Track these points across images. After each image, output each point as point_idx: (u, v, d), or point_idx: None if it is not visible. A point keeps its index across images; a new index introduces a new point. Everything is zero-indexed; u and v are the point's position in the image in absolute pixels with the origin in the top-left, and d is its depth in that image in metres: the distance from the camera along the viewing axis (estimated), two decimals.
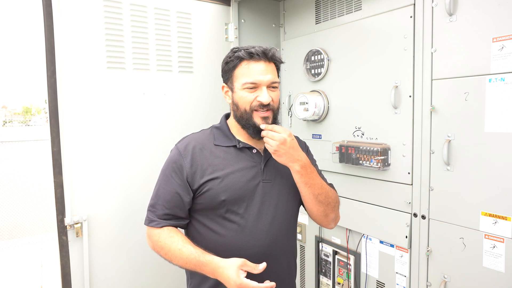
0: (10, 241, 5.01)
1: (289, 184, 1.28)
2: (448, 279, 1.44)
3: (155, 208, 1.24)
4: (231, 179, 1.20)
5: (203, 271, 1.11)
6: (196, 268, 1.12)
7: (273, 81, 1.20)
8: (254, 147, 1.26)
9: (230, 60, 1.22)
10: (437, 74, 1.44)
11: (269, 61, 1.21)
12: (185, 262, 1.13)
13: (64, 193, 1.62)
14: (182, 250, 1.14)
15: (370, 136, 1.71)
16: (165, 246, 1.17)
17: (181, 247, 1.15)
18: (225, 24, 2.07)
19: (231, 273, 1.04)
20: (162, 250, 1.19)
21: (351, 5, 1.79)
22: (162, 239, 1.19)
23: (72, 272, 1.66)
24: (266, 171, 1.25)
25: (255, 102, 1.19)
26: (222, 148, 1.25)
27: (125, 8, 1.73)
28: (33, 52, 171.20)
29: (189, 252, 1.13)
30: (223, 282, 1.06)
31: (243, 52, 1.19)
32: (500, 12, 1.24)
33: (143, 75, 1.81)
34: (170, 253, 1.16)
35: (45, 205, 5.85)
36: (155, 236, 1.21)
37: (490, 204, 1.30)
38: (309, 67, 2.00)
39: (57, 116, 1.60)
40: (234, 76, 1.22)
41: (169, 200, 1.22)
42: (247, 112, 1.20)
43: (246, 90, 1.19)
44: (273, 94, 1.21)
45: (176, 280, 1.95)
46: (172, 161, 1.24)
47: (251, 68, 1.18)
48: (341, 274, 1.92)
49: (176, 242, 1.16)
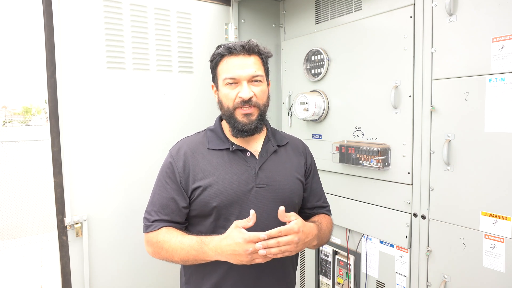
0: (10, 241, 5.00)
1: (286, 188, 1.22)
2: (448, 279, 1.44)
3: (151, 215, 1.20)
4: (223, 185, 1.15)
5: (206, 252, 1.05)
6: (198, 253, 1.07)
7: (253, 75, 1.14)
8: (248, 150, 1.21)
9: (213, 57, 1.20)
10: (437, 74, 1.43)
11: (249, 54, 1.16)
12: (187, 252, 1.09)
13: (64, 193, 1.62)
14: (183, 241, 1.10)
15: (370, 136, 1.71)
16: (164, 244, 1.13)
17: (181, 238, 1.12)
18: (225, 24, 2.07)
19: (235, 234, 1.00)
20: (162, 249, 1.14)
21: (351, 5, 1.79)
22: (161, 238, 1.15)
23: (72, 272, 1.66)
24: (261, 175, 1.18)
25: (237, 99, 1.14)
26: (215, 152, 1.20)
27: (125, 8, 1.73)
28: (33, 52, 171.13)
29: (190, 239, 1.10)
30: (230, 250, 1.00)
31: (223, 48, 1.16)
32: (500, 12, 1.24)
33: (143, 75, 1.81)
34: (170, 248, 1.12)
35: (45, 205, 5.86)
36: (153, 239, 1.16)
37: (490, 204, 1.30)
38: (309, 67, 2.00)
39: (57, 116, 1.60)
40: (217, 73, 1.19)
41: (165, 205, 1.18)
42: (229, 110, 1.16)
43: (227, 87, 1.15)
44: (257, 89, 1.15)
45: (176, 279, 1.95)
46: (165, 167, 1.22)
47: (229, 63, 1.15)
48: (341, 274, 1.92)
49: (175, 237, 1.13)
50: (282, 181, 1.22)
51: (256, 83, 1.16)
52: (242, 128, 1.15)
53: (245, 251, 0.98)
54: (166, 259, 1.15)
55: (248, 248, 0.97)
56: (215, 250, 1.04)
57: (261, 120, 1.18)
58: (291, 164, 1.28)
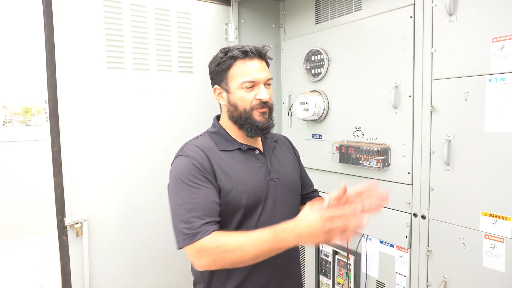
0: (10, 241, 5.00)
1: (292, 179, 1.31)
2: (448, 279, 1.44)
3: (193, 222, 1.07)
4: (246, 182, 1.17)
5: (285, 239, 1.00)
6: (274, 243, 1.01)
7: (269, 78, 1.21)
8: (257, 148, 1.26)
9: (223, 61, 1.20)
10: (437, 74, 1.43)
11: (262, 58, 1.21)
12: (260, 245, 1.01)
13: (64, 193, 1.63)
14: (250, 236, 1.03)
15: (370, 136, 1.71)
16: (229, 246, 1.03)
17: (244, 236, 1.03)
18: (225, 24, 2.07)
19: (312, 214, 0.98)
20: (227, 252, 1.03)
21: (351, 5, 1.79)
22: (222, 241, 1.04)
23: (72, 272, 1.66)
24: (272, 170, 1.26)
25: (254, 100, 1.18)
26: (227, 153, 1.21)
27: (125, 8, 1.73)
28: (33, 52, 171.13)
29: (257, 233, 1.03)
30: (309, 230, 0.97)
31: (237, 51, 1.17)
32: (500, 12, 1.24)
33: (143, 75, 1.81)
34: (239, 248, 1.02)
35: (45, 205, 5.85)
36: (211, 245, 1.04)
37: (490, 204, 1.30)
38: (309, 67, 2.00)
39: (57, 116, 1.60)
40: (229, 76, 1.19)
41: (206, 207, 1.09)
42: (246, 111, 1.19)
43: (244, 90, 1.17)
44: (269, 91, 1.22)
45: (176, 279, 1.95)
46: (187, 169, 1.13)
47: (248, 67, 1.17)
48: (341, 274, 1.92)
49: (238, 235, 1.04)
50: (288, 173, 1.30)
51: (268, 86, 1.22)
52: (262, 127, 1.20)
53: (323, 229, 0.96)
54: (232, 262, 1.04)
55: (325, 226, 0.96)
56: (293, 233, 1.00)
57: (270, 118, 1.24)
58: (288, 157, 1.38)
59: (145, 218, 1.84)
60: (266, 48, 1.21)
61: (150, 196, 1.84)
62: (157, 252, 1.88)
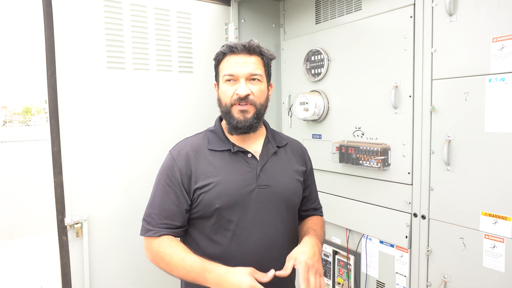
0: (10, 241, 5.00)
1: (286, 189, 1.23)
2: (448, 279, 1.44)
3: (151, 218, 1.17)
4: (225, 186, 1.15)
5: (206, 279, 1.04)
6: (198, 277, 1.06)
7: (252, 73, 1.16)
8: (249, 151, 1.22)
9: (217, 56, 1.23)
10: (437, 74, 1.43)
11: (250, 54, 1.18)
12: (187, 272, 1.07)
13: (64, 193, 1.62)
14: (185, 259, 1.09)
15: (370, 136, 1.71)
16: (165, 257, 1.12)
17: (183, 256, 1.10)
18: (225, 24, 2.07)
19: (244, 277, 0.99)
20: (162, 260, 1.13)
21: (351, 5, 1.79)
22: (162, 249, 1.13)
23: (72, 272, 1.66)
24: (262, 176, 1.19)
25: (234, 95, 1.16)
26: (216, 153, 1.20)
27: (125, 8, 1.73)
28: (33, 52, 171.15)
29: (193, 260, 1.08)
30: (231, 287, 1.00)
31: (225, 46, 1.20)
32: (500, 12, 1.24)
33: (143, 75, 1.81)
34: (171, 263, 1.11)
35: (45, 205, 5.86)
36: (155, 247, 1.14)
37: (490, 204, 1.30)
38: (309, 67, 2.00)
39: (57, 116, 1.60)
40: (219, 71, 1.22)
41: (166, 208, 1.16)
42: (227, 106, 1.18)
43: (226, 84, 1.17)
44: (255, 87, 1.17)
45: (176, 278, 1.95)
46: (166, 168, 1.20)
47: (230, 61, 1.18)
48: (341, 274, 1.92)
49: (177, 252, 1.11)
50: (282, 182, 1.23)
51: (254, 82, 1.17)
52: (236, 125, 1.16)
53: None
54: (164, 270, 1.14)
55: None
56: (217, 281, 1.02)
57: (257, 119, 1.18)
58: (291, 165, 1.30)
59: None
60: (252, 42, 1.18)
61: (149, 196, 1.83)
62: None
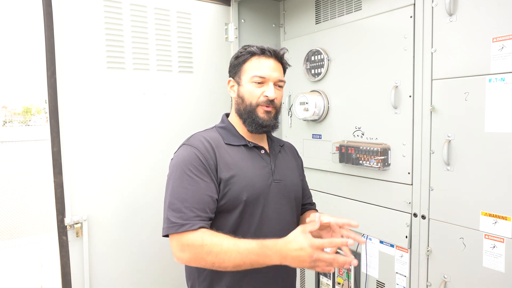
0: (10, 241, 5.01)
1: (294, 184, 1.31)
2: (448, 279, 1.44)
3: (182, 213, 1.06)
4: (250, 178, 1.17)
5: (270, 257, 0.99)
6: (259, 258, 1.00)
7: (280, 79, 1.23)
8: (262, 147, 1.28)
9: (241, 54, 1.25)
10: (437, 74, 1.43)
11: (278, 61, 1.25)
12: (243, 257, 1.00)
13: (64, 193, 1.62)
14: (238, 244, 1.01)
15: (370, 136, 1.71)
16: (214, 248, 1.01)
17: (234, 242, 1.02)
18: (225, 24, 2.07)
19: (301, 240, 0.96)
20: (210, 254, 1.02)
21: (351, 5, 1.79)
22: (207, 241, 1.02)
23: (72, 272, 1.66)
24: (276, 171, 1.26)
25: (261, 97, 1.20)
26: (234, 147, 1.23)
27: (125, 8, 1.73)
28: (33, 52, 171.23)
29: (247, 243, 1.01)
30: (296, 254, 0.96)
31: (256, 48, 1.23)
32: (500, 12, 1.24)
33: (143, 75, 1.81)
34: (222, 252, 1.01)
35: (45, 205, 5.85)
36: (197, 241, 1.03)
37: (490, 204, 1.30)
38: (309, 67, 2.00)
39: (57, 116, 1.60)
40: (242, 70, 1.24)
41: (198, 200, 1.08)
42: (252, 106, 1.21)
43: (253, 84, 1.21)
44: (278, 92, 1.24)
45: (176, 278, 1.95)
46: (188, 158, 1.13)
47: (262, 63, 1.21)
48: (341, 274, 1.92)
49: (225, 239, 1.02)
50: (291, 178, 1.31)
51: (279, 88, 1.24)
52: (262, 123, 1.21)
53: (310, 257, 0.95)
54: (212, 265, 1.03)
55: (313, 254, 0.95)
56: (280, 254, 0.99)
57: (276, 120, 1.26)
58: (292, 162, 1.39)
59: (145, 218, 1.84)
60: (284, 50, 1.26)
61: (150, 196, 1.84)
62: (157, 252, 1.88)
